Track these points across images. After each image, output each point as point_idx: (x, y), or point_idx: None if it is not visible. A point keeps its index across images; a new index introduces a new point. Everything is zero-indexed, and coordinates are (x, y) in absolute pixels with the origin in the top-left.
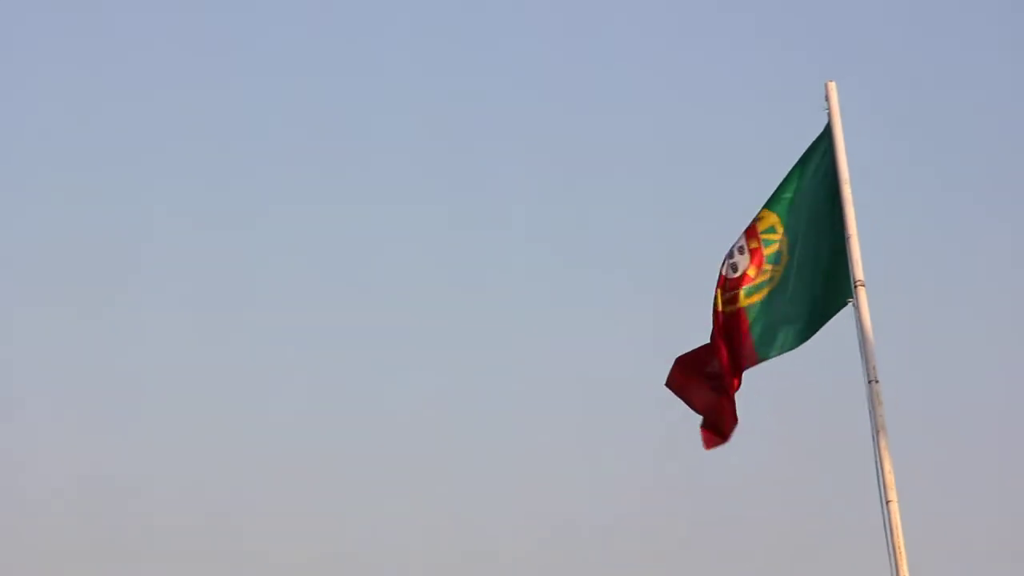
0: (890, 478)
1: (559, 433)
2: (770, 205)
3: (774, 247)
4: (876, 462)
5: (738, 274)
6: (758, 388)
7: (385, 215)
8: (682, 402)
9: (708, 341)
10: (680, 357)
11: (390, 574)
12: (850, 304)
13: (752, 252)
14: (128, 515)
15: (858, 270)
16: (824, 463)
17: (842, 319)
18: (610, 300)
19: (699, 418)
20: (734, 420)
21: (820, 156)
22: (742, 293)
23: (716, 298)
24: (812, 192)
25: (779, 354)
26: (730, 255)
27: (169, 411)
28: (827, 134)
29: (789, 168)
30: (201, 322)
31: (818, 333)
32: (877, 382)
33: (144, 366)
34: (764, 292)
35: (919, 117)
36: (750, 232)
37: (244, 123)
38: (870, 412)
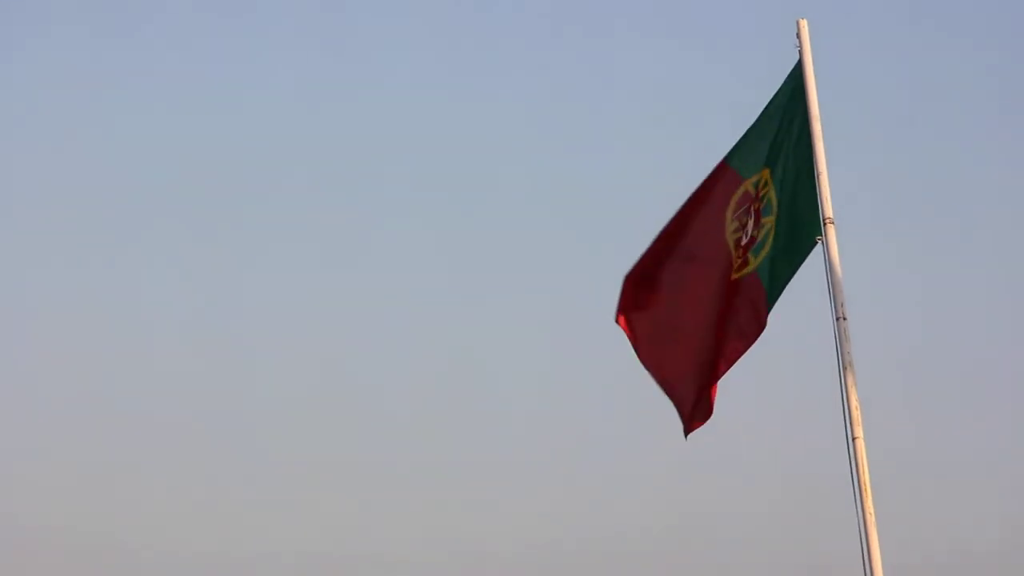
0: (856, 414)
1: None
2: (761, 160)
3: (766, 199)
4: (843, 399)
5: (747, 238)
6: None
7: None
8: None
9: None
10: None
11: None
12: (819, 242)
13: (756, 212)
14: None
15: (827, 207)
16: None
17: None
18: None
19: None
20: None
21: (792, 95)
22: (750, 256)
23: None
24: (786, 132)
25: (778, 297)
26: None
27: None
28: (798, 72)
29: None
30: None
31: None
32: (845, 319)
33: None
34: (768, 247)
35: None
36: (747, 195)
37: None
38: (837, 349)
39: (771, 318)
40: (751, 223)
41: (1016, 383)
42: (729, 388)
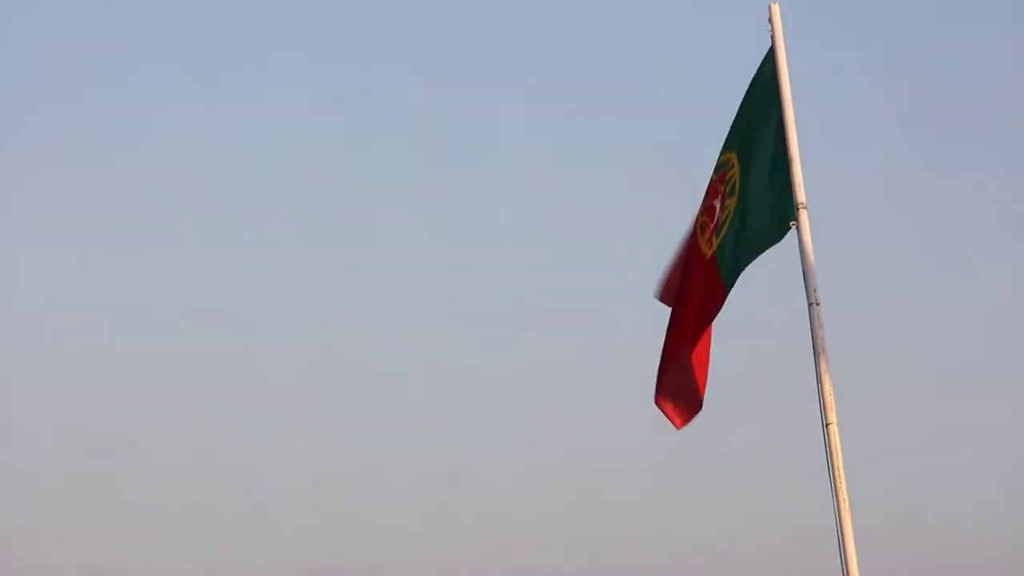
0: (830, 400)
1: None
2: (728, 142)
3: (732, 181)
4: (817, 384)
5: (715, 221)
6: None
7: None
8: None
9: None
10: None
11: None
12: (792, 227)
13: (722, 195)
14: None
15: (800, 193)
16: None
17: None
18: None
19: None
20: (703, 382)
21: (764, 79)
22: (714, 238)
23: (698, 243)
24: (759, 116)
25: (735, 280)
26: (710, 195)
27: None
28: (771, 56)
29: (733, 96)
30: None
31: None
32: (818, 304)
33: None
34: (726, 228)
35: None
36: (721, 177)
37: None
38: (812, 334)
39: (744, 302)
40: (718, 206)
41: (991, 369)
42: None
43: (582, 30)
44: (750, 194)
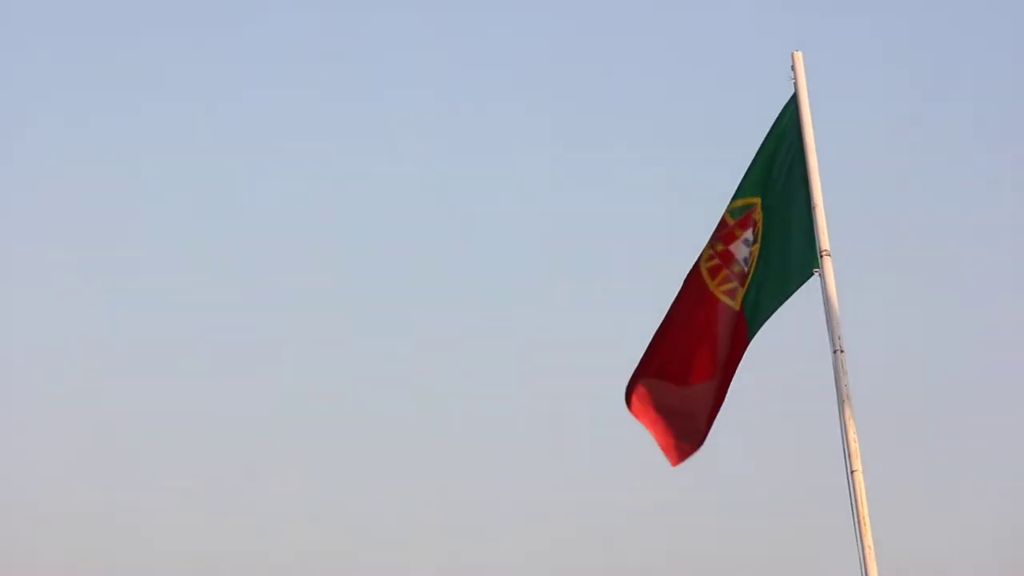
0: (855, 447)
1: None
2: (752, 187)
3: (755, 228)
4: (841, 432)
5: (734, 270)
6: None
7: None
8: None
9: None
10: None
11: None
12: (816, 274)
13: (742, 241)
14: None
15: (824, 240)
16: (789, 433)
17: (806, 288)
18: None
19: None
20: (710, 421)
21: (786, 127)
22: (739, 290)
23: (706, 279)
24: (780, 163)
25: (759, 329)
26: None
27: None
28: (793, 104)
29: (756, 141)
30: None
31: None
32: (842, 351)
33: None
34: (750, 278)
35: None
36: (745, 222)
37: None
38: (836, 381)
39: (769, 350)
40: (736, 253)
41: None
42: (726, 419)
43: (583, 58)
44: (773, 241)
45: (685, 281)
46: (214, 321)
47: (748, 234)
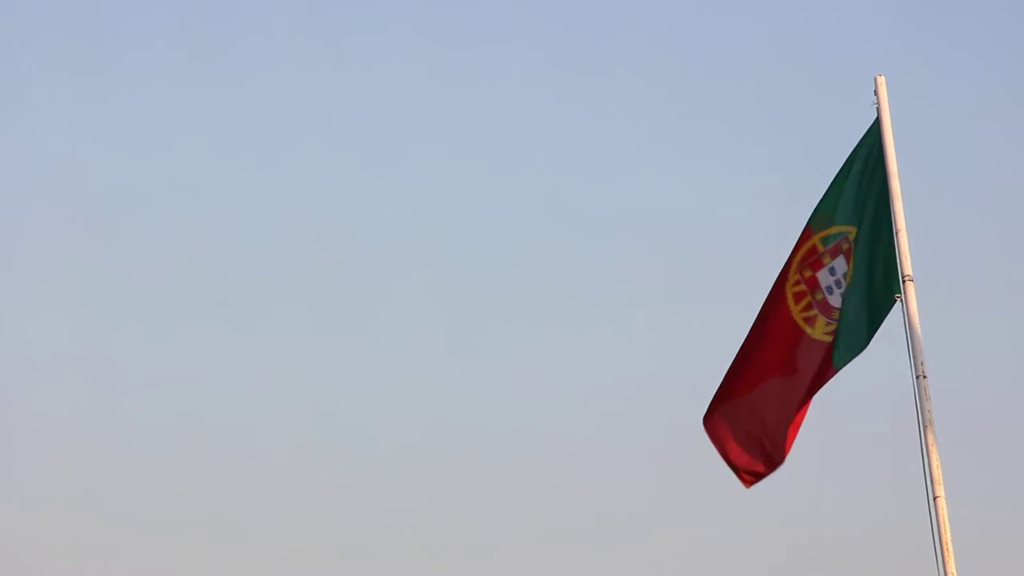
0: (937, 473)
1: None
2: (846, 216)
3: (849, 256)
4: (924, 457)
5: (827, 297)
6: None
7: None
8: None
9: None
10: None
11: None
12: (898, 300)
13: (827, 269)
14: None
15: (906, 265)
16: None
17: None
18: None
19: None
20: (786, 445)
21: (870, 151)
22: (827, 324)
23: (790, 304)
24: (865, 189)
25: (851, 359)
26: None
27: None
28: (876, 129)
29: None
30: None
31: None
32: (925, 377)
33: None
34: (840, 310)
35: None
36: (835, 250)
37: None
38: (917, 407)
39: (851, 375)
40: (822, 278)
41: None
42: (805, 442)
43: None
44: (861, 270)
45: (767, 303)
46: (215, 321)
47: (836, 263)
